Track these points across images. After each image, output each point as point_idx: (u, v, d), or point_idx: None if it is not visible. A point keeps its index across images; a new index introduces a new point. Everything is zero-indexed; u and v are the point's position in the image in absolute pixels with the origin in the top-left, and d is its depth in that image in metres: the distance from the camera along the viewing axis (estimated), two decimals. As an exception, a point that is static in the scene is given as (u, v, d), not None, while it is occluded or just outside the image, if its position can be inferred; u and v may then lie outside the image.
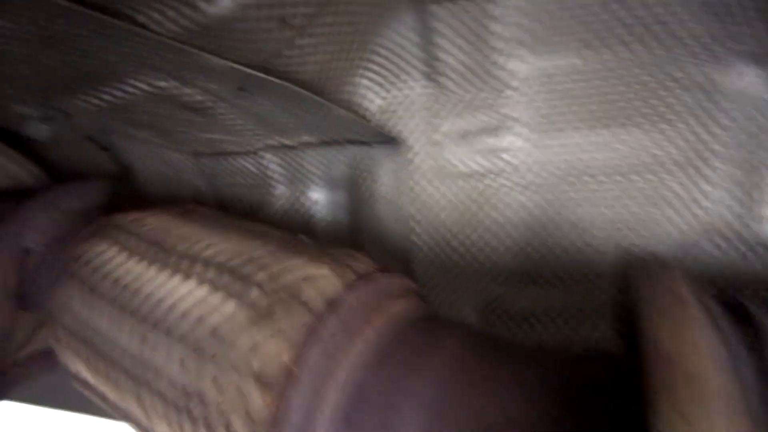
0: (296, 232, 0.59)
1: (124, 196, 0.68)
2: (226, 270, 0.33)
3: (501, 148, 0.49)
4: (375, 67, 0.51)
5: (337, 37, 0.45)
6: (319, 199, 0.59)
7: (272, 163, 0.58)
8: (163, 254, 0.36)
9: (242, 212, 0.63)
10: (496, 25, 0.45)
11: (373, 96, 0.52)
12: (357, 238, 0.56)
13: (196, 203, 0.63)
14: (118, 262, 0.38)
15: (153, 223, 0.41)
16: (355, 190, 0.55)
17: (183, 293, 0.33)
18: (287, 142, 0.57)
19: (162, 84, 0.43)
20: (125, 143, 0.63)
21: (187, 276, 0.34)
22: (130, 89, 0.44)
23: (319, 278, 0.32)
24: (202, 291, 0.32)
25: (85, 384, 0.39)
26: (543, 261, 0.49)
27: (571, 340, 0.46)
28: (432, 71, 0.49)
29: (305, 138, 0.56)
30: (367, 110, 0.53)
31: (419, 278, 0.52)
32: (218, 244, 0.36)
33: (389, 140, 0.50)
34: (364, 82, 0.52)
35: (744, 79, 0.42)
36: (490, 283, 0.51)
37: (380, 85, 0.52)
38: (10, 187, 0.63)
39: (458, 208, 0.51)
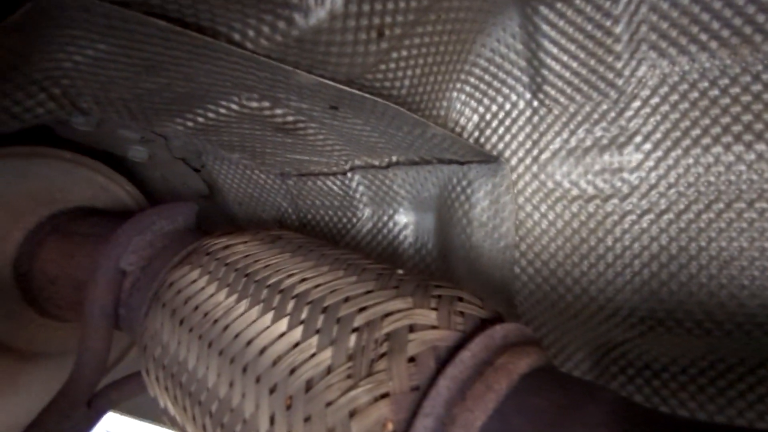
0: (384, 258, 0.54)
1: (212, 216, 0.67)
2: (320, 309, 0.28)
3: (620, 166, 0.41)
4: (473, 81, 0.45)
5: (435, 48, 0.40)
6: (407, 222, 0.53)
7: (359, 185, 0.54)
8: (254, 287, 0.32)
9: (326, 235, 0.59)
10: (617, 26, 0.38)
11: (470, 112, 0.47)
12: (448, 266, 0.50)
13: (282, 227, 0.60)
14: (209, 292, 0.34)
15: (243, 250, 0.37)
16: (446, 213, 0.49)
17: (275, 335, 0.29)
18: (376, 162, 0.52)
19: (254, 104, 0.40)
20: (215, 164, 0.61)
21: (280, 314, 0.30)
22: (223, 110, 0.41)
23: (427, 327, 0.26)
24: (296, 334, 0.28)
25: (173, 420, 0.35)
26: (673, 299, 0.40)
27: (716, 403, 0.37)
28: (539, 82, 0.42)
29: (395, 158, 0.51)
30: (464, 128, 0.47)
31: (522, 315, 0.45)
32: (312, 278, 0.31)
33: (489, 159, 0.44)
34: (462, 97, 0.46)
35: None
36: (606, 324, 0.43)
37: (478, 100, 0.46)
38: (110, 207, 0.63)
39: (568, 235, 0.44)
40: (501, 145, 0.46)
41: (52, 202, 0.59)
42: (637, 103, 0.39)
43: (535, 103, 0.43)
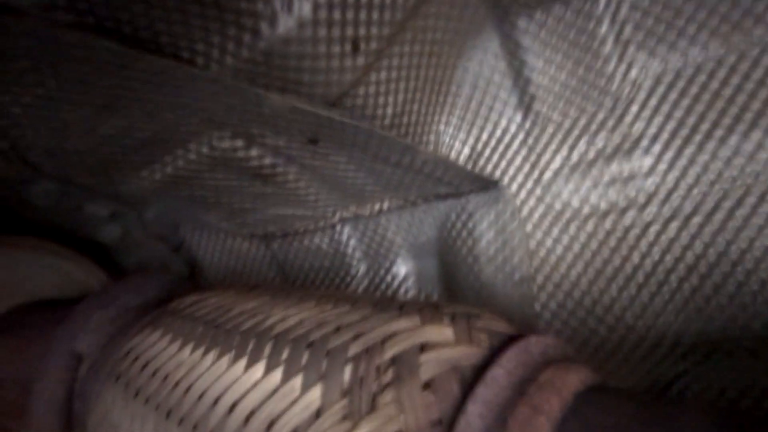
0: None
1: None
2: (305, 346, 0.22)
3: (631, 174, 0.37)
4: (459, 111, 0.43)
5: (416, 72, 0.38)
6: (406, 273, 0.48)
7: (350, 238, 0.49)
8: (223, 336, 0.26)
9: (319, 300, 0.53)
10: (600, 28, 0.36)
11: (460, 145, 0.44)
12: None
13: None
14: (170, 353, 0.28)
15: (214, 302, 0.31)
16: (448, 255, 0.44)
17: (248, 386, 0.22)
18: (366, 212, 0.48)
19: (226, 144, 0.37)
20: (194, 237, 0.57)
21: (254, 360, 0.23)
22: (193, 156, 0.38)
23: (443, 345, 0.20)
24: (274, 378, 0.21)
25: None
26: (725, 315, 0.34)
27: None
28: (528, 101, 0.40)
29: (386, 203, 0.47)
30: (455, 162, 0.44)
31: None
32: (294, 316, 0.26)
33: (488, 186, 0.40)
34: (449, 129, 0.43)
35: None
36: (653, 357, 0.36)
37: (467, 131, 0.43)
38: (76, 296, 0.57)
39: (588, 259, 0.38)
40: (497, 174, 0.42)
41: (10, 296, 0.53)
42: (635, 107, 0.37)
43: (528, 125, 0.41)
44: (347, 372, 0.20)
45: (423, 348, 0.20)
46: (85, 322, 0.39)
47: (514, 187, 0.41)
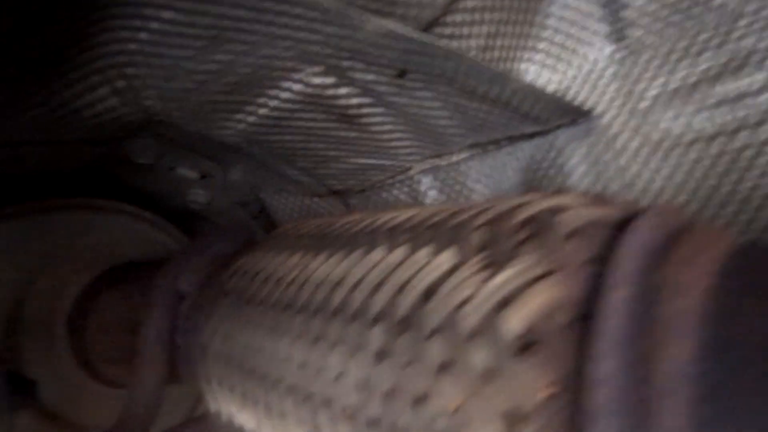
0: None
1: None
2: (426, 227, 0.22)
3: (740, 92, 0.34)
4: (543, 46, 0.41)
5: (500, 1, 0.37)
6: (488, 222, 0.47)
7: (429, 189, 0.48)
8: (333, 238, 0.26)
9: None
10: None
11: (548, 75, 0.42)
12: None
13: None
14: (279, 261, 0.28)
15: (315, 223, 0.32)
16: (535, 198, 0.43)
17: (369, 267, 0.22)
18: (444, 162, 0.47)
19: (317, 81, 0.37)
20: (274, 202, 0.58)
21: (371, 248, 0.23)
22: (286, 95, 0.38)
23: (578, 206, 0.19)
24: (397, 254, 0.21)
25: (241, 434, 0.27)
26: None
27: None
28: (620, 27, 0.38)
29: (465, 152, 0.46)
30: (541, 97, 0.42)
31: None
32: (404, 213, 0.25)
33: (580, 117, 0.39)
34: (537, 57, 0.42)
35: None
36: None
37: (552, 67, 0.42)
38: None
39: (693, 188, 0.36)
40: (590, 105, 0.40)
41: (111, 257, 0.56)
42: (744, 21, 0.34)
43: (619, 55, 0.39)
44: (476, 237, 0.19)
45: (556, 211, 0.19)
46: (186, 263, 0.41)
47: (606, 119, 0.39)
